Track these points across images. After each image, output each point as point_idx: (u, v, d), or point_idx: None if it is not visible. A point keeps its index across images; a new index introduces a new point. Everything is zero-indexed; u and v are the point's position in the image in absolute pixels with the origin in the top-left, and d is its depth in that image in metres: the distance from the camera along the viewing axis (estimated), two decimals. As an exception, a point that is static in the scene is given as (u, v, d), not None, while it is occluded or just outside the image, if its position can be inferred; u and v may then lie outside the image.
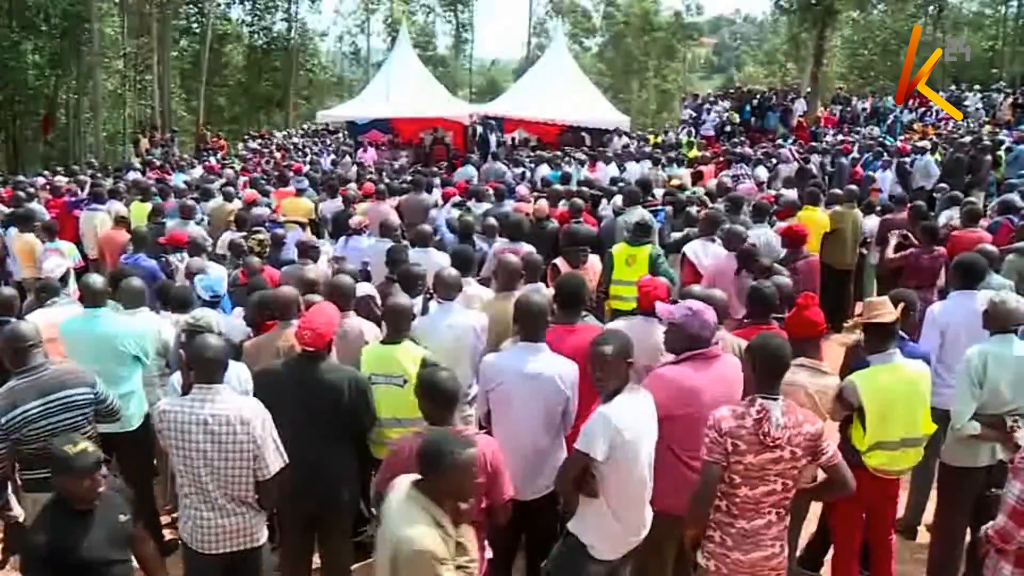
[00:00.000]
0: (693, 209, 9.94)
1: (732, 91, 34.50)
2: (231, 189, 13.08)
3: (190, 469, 4.18)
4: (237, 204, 11.85)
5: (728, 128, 27.14)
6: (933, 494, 5.80)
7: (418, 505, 3.33)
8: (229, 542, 4.26)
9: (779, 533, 3.94)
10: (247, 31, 48.99)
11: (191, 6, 44.07)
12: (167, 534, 6.15)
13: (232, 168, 20.53)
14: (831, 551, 5.31)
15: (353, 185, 13.97)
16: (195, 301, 6.44)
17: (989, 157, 16.43)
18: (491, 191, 12.40)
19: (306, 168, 19.04)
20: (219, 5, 45.75)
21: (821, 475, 4.15)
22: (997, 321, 5.14)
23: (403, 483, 3.48)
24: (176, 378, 5.24)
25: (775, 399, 3.86)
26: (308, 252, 8.14)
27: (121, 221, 10.73)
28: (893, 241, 9.60)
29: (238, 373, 4.98)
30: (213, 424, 4.10)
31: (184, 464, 4.19)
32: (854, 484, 4.00)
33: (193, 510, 4.26)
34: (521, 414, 4.50)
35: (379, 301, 6.50)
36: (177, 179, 17.25)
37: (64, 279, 7.31)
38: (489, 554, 5.52)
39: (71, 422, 4.64)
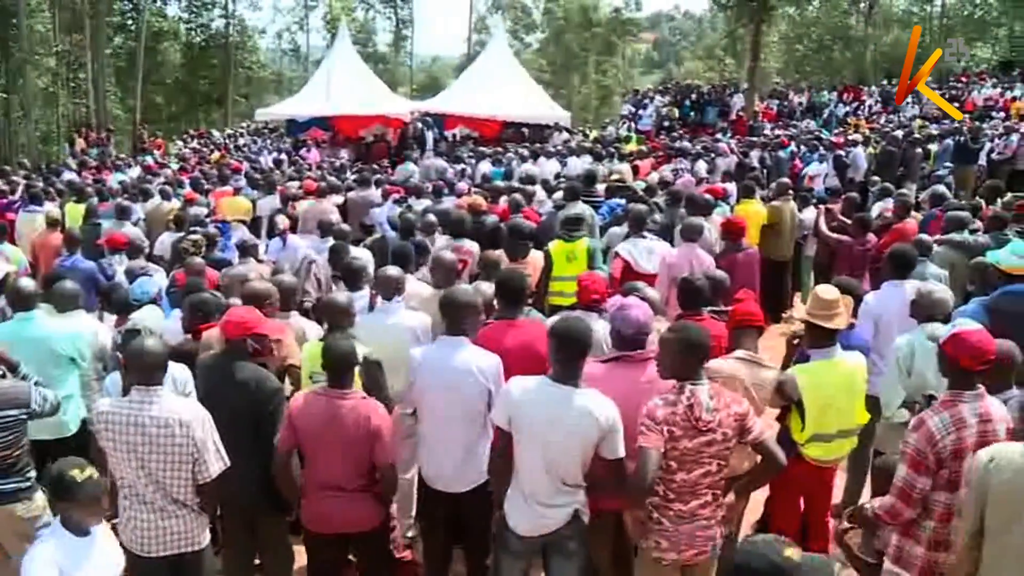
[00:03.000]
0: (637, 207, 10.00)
1: (671, 86, 34.79)
2: (169, 189, 12.90)
3: (129, 471, 4.13)
4: (176, 204, 11.68)
5: (667, 123, 27.37)
6: (869, 480, 5.93)
7: None
8: (170, 544, 4.21)
9: (712, 512, 4.03)
10: (184, 28, 48.20)
11: (125, 2, 43.23)
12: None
13: (170, 168, 20.24)
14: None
15: (293, 184, 13.88)
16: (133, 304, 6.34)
17: (920, 150, 16.84)
18: (431, 188, 12.39)
19: (246, 167, 18.83)
20: (154, 1, 44.97)
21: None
22: (924, 310, 5.30)
23: None
24: (112, 380, 5.14)
25: (702, 383, 3.93)
26: (249, 252, 8.07)
27: (54, 223, 10.50)
28: (823, 221, 9.91)
29: (174, 374, 4.89)
30: (151, 426, 4.05)
31: (122, 466, 4.13)
32: (784, 459, 4.09)
33: (133, 512, 4.20)
34: (443, 408, 4.54)
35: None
36: (114, 179, 16.95)
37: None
38: (411, 532, 5.55)
39: (2, 441, 4.54)
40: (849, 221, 9.82)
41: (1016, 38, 42.61)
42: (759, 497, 5.35)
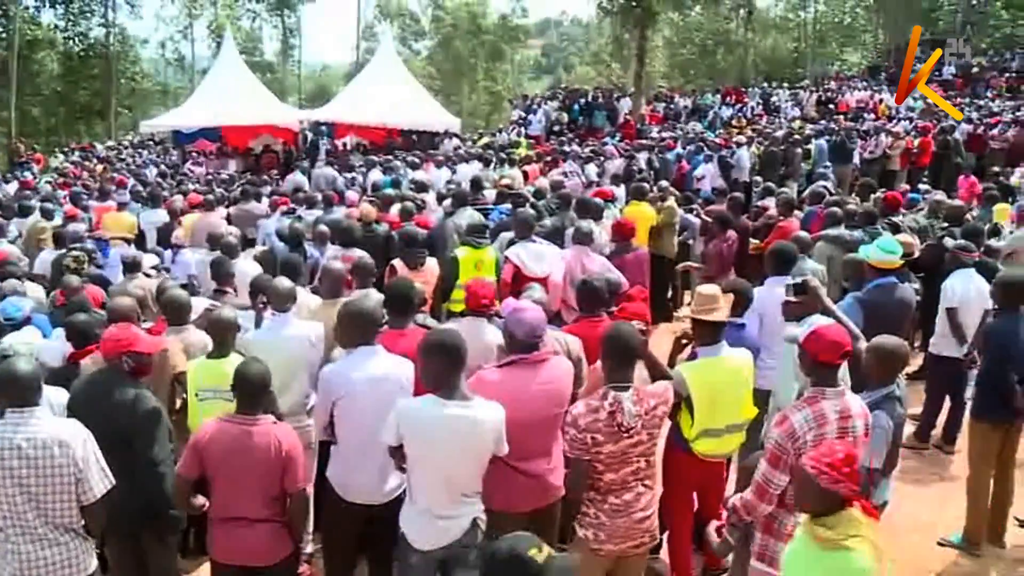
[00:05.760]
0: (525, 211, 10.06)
1: (560, 91, 35.12)
2: (49, 205, 12.45)
3: (6, 499, 3.92)
4: (57, 221, 11.28)
5: (557, 128, 27.64)
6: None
7: None
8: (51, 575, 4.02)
9: (648, 503, 4.16)
10: (61, 37, 46.29)
11: (-7, 8, 41.41)
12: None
13: (48, 183, 19.54)
14: (667, 532, 5.52)
15: (179, 197, 13.56)
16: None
17: (800, 150, 17.45)
18: (321, 197, 12.25)
19: (131, 181, 18.29)
20: (27, 8, 43.13)
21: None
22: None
23: None
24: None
25: (626, 388, 4.01)
26: (136, 267, 7.85)
27: (-79, 244, 10.01)
28: (699, 252, 10.21)
29: (50, 398, 4.68)
30: (28, 448, 3.86)
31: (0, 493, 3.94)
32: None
33: (11, 544, 3.99)
34: (371, 420, 4.39)
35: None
36: (-12, 195, 16.30)
37: None
38: (309, 548, 5.48)
39: None
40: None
41: (881, 44, 44.77)
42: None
